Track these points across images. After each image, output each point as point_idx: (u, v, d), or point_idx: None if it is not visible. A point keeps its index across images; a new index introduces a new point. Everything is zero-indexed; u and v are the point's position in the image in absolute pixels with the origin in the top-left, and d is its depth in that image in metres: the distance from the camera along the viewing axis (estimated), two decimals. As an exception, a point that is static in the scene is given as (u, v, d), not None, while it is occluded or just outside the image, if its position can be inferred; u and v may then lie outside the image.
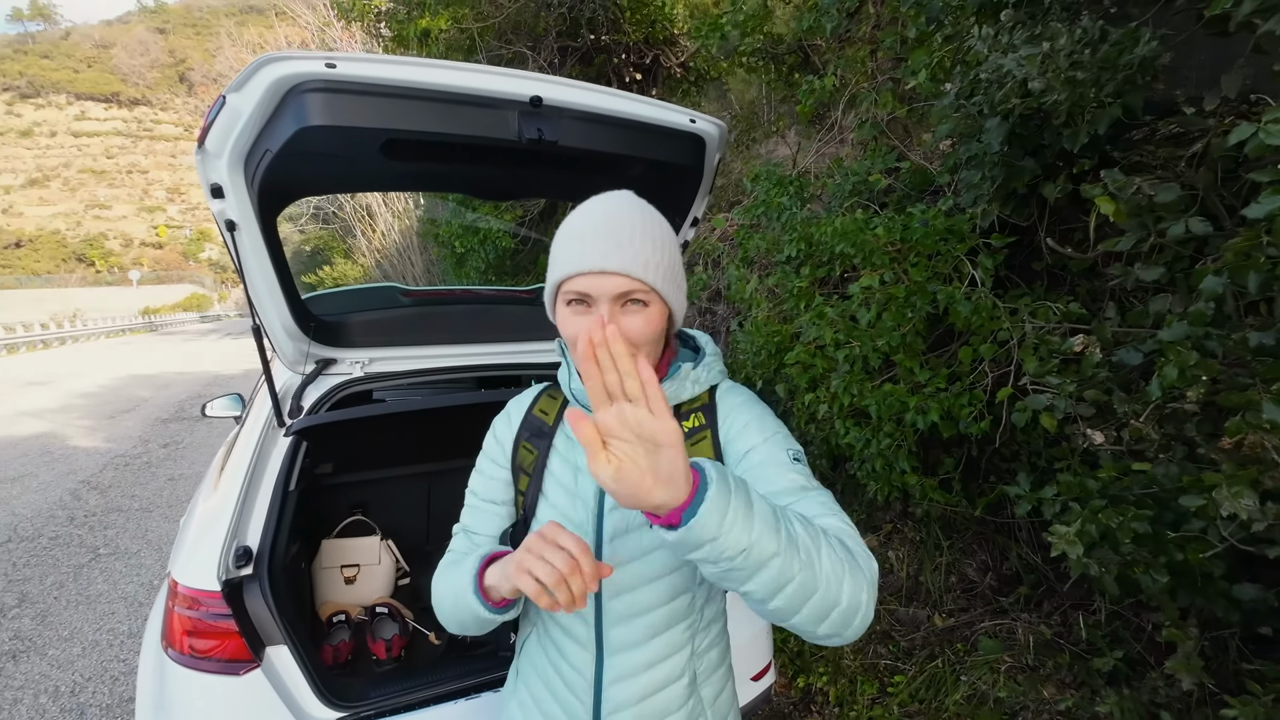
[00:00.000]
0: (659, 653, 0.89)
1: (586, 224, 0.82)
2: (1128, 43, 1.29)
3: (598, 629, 0.89)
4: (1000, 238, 2.01)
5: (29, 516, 4.73)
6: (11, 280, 58.14)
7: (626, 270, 0.78)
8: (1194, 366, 1.08)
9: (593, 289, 0.79)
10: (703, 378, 0.90)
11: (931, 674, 2.18)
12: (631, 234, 0.80)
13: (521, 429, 0.98)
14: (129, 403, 9.65)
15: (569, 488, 0.91)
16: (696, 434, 0.89)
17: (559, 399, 0.99)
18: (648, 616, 0.88)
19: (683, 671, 0.91)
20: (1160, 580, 1.46)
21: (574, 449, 0.93)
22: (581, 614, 0.89)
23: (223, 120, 1.33)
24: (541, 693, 0.95)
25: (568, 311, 0.83)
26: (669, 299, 0.84)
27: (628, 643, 0.89)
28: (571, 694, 0.91)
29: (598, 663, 0.89)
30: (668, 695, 0.90)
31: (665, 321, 0.85)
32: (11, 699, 2.66)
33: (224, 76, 32.96)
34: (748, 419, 0.88)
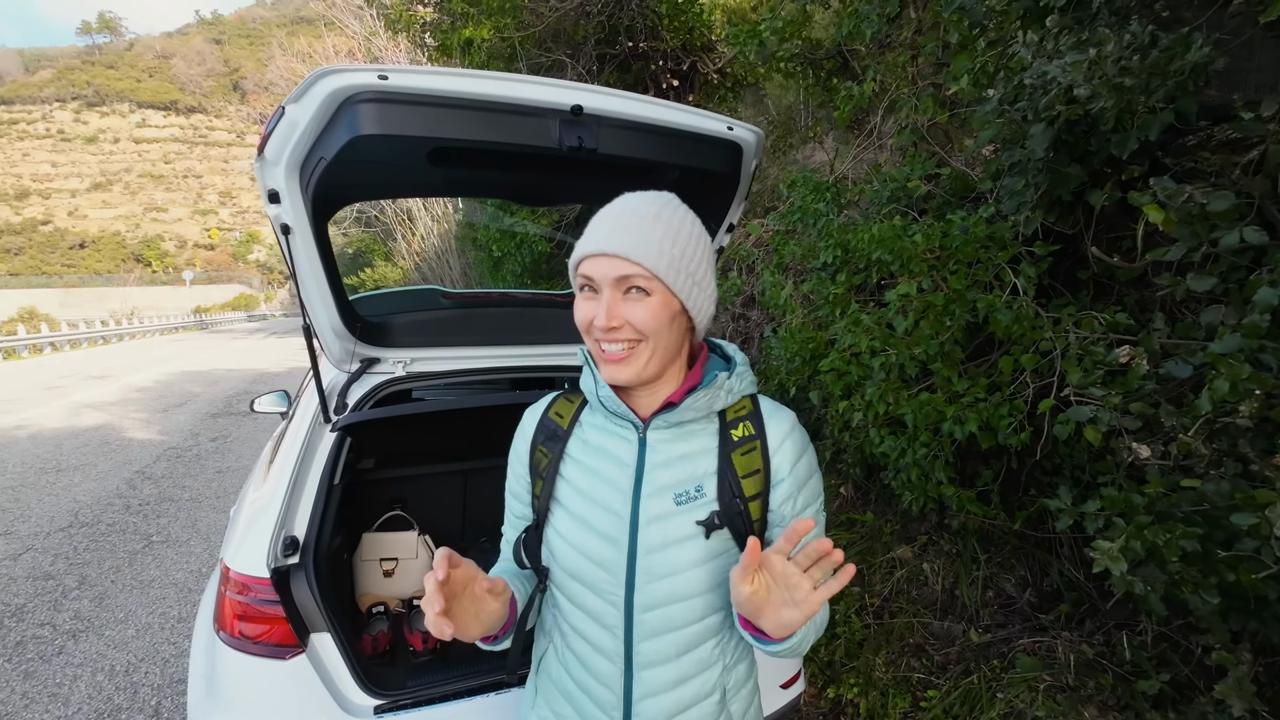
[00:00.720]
0: (690, 669, 0.88)
1: (606, 212, 0.84)
2: (1179, 48, 1.25)
3: (627, 643, 0.87)
4: (1044, 246, 1.97)
5: (89, 503, 4.98)
6: (76, 279, 61.26)
7: (625, 253, 0.78)
8: (1247, 380, 1.04)
9: (595, 272, 0.81)
10: (736, 387, 0.90)
11: (966, 690, 2.13)
12: (641, 221, 0.81)
13: (537, 433, 0.97)
14: (181, 397, 10.08)
15: (588, 494, 0.89)
16: (747, 443, 0.88)
17: (575, 402, 0.97)
18: (681, 632, 0.87)
19: (714, 688, 0.90)
20: (1210, 601, 1.41)
21: (593, 455, 0.91)
22: (611, 628, 0.87)
23: (281, 129, 1.39)
24: (564, 708, 0.93)
25: (580, 298, 0.85)
26: (677, 291, 0.82)
27: (659, 658, 0.87)
28: (599, 709, 0.89)
29: (627, 677, 0.87)
30: (698, 711, 0.89)
31: (675, 314, 0.83)
32: (72, 675, 2.81)
33: (274, 85, 34.19)
34: (808, 473, 0.91)
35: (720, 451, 0.88)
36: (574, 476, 0.91)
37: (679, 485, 0.86)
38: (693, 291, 0.84)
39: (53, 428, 7.77)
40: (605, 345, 0.83)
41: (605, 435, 0.91)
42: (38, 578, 3.72)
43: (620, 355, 0.83)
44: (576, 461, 0.92)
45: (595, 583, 0.87)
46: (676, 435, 0.88)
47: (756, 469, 0.87)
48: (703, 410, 0.88)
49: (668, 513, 0.85)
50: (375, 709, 1.47)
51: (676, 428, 0.88)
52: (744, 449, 0.88)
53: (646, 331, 0.81)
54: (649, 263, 0.79)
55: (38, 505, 4.96)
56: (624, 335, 0.82)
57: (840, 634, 2.55)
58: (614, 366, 0.83)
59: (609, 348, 0.83)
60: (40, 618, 3.28)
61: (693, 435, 0.89)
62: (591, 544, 0.87)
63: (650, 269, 0.79)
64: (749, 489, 0.86)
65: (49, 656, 2.95)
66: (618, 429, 0.90)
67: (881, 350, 2.28)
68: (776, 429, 0.89)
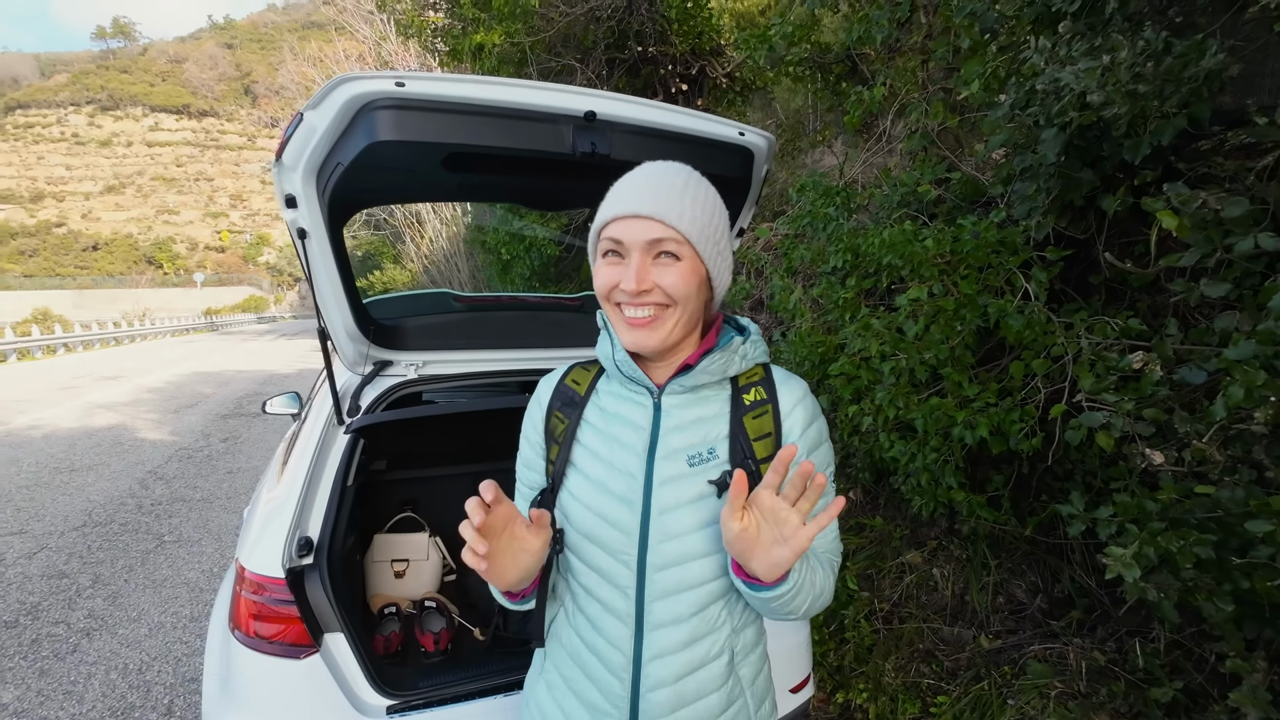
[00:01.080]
0: (699, 629, 0.88)
1: (632, 176, 0.85)
2: (1193, 54, 1.25)
3: (639, 604, 0.87)
4: (1055, 250, 1.97)
5: (102, 503, 5.04)
6: (89, 281, 61.93)
7: (660, 215, 0.79)
8: (1261, 387, 1.04)
9: (625, 234, 0.81)
10: (750, 354, 0.91)
11: (976, 696, 2.12)
12: (672, 186, 0.81)
13: (553, 399, 0.98)
14: (192, 398, 10.17)
15: (605, 459, 0.90)
16: (759, 406, 0.90)
17: (592, 371, 0.99)
18: (692, 592, 0.87)
19: (722, 650, 0.90)
20: (1225, 609, 1.40)
21: (609, 421, 0.92)
22: (623, 588, 0.87)
23: (299, 135, 1.41)
24: (573, 671, 0.93)
25: (603, 263, 0.84)
26: (705, 257, 0.83)
27: (669, 618, 0.87)
28: (608, 671, 0.88)
29: (637, 638, 0.87)
30: (707, 673, 0.88)
31: (701, 281, 0.85)
32: (86, 673, 2.84)
33: (285, 89, 34.55)
34: (818, 440, 0.92)
35: (732, 415, 0.90)
36: (590, 441, 0.93)
37: (692, 448, 0.88)
38: (717, 260, 0.86)
39: (66, 428, 7.85)
40: (630, 310, 0.83)
41: (621, 401, 0.93)
42: (52, 576, 3.77)
43: (646, 320, 0.83)
44: (593, 427, 0.94)
45: (609, 543, 0.88)
46: (690, 400, 0.90)
47: (768, 432, 0.89)
48: (717, 374, 0.89)
49: (681, 474, 0.87)
50: (388, 709, 1.48)
51: (691, 392, 0.90)
52: (755, 413, 0.89)
53: (676, 296, 0.82)
54: (683, 226, 0.80)
55: (52, 504, 5.01)
56: (652, 299, 0.82)
57: (850, 639, 2.55)
58: (639, 332, 0.84)
59: (634, 313, 0.83)
60: (55, 616, 3.32)
61: (706, 400, 0.91)
62: (606, 505, 0.88)
63: (684, 233, 0.80)
64: (760, 451, 0.88)
65: (63, 654, 2.98)
66: (633, 395, 0.92)
67: (891, 355, 2.28)
68: (789, 395, 0.91)
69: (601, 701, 0.89)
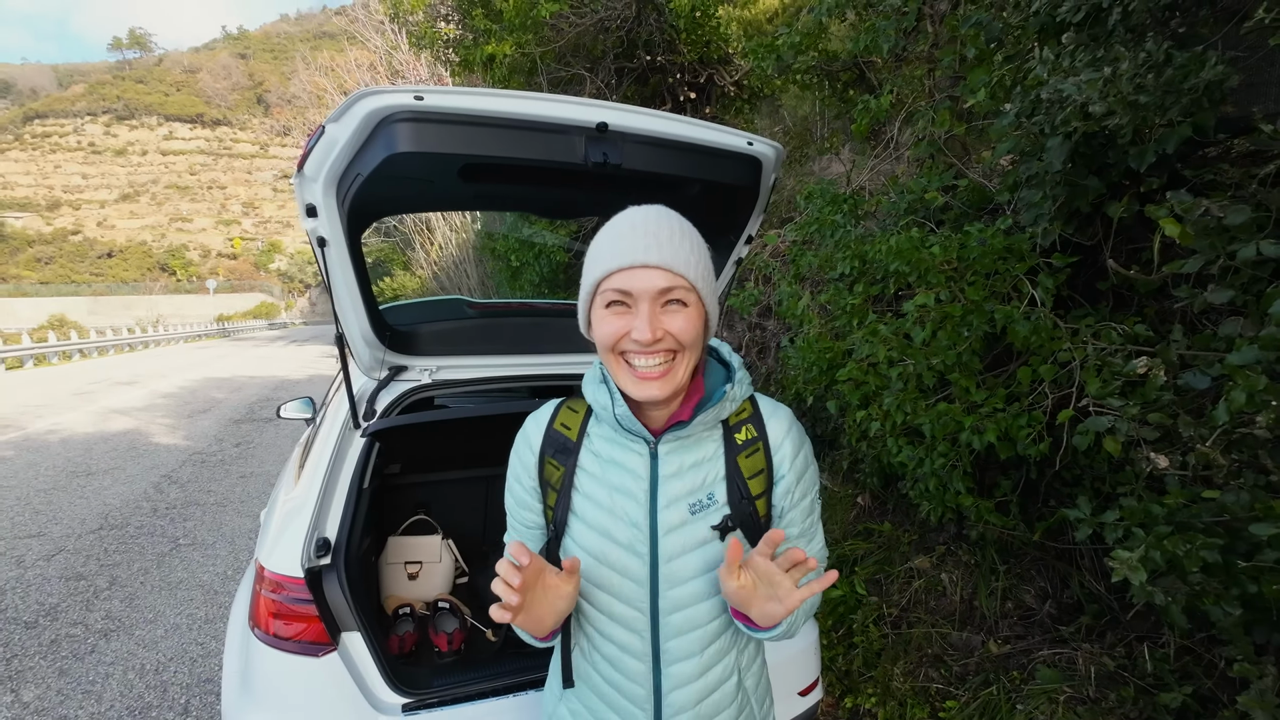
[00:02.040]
0: (711, 660, 0.94)
1: (626, 224, 0.84)
2: (1193, 66, 1.27)
3: (655, 643, 0.92)
4: (1061, 257, 1.98)
5: (118, 506, 5.11)
6: (104, 288, 62.72)
7: (668, 264, 0.80)
8: (1264, 391, 1.05)
9: (634, 285, 0.80)
10: (739, 394, 0.93)
11: (985, 701, 2.13)
12: (671, 233, 0.83)
13: (544, 445, 0.98)
14: (205, 403, 10.29)
15: (607, 508, 0.92)
16: (750, 445, 0.93)
17: (580, 411, 0.98)
18: (703, 629, 0.92)
19: (731, 671, 0.96)
20: (1233, 613, 1.41)
21: (607, 469, 0.93)
22: (639, 632, 0.92)
23: (321, 147, 1.46)
24: (595, 703, 0.98)
25: (606, 313, 0.84)
26: (706, 302, 0.85)
27: (684, 653, 0.92)
28: (632, 704, 0.94)
29: (655, 673, 0.93)
30: (721, 694, 0.95)
31: (704, 324, 0.87)
32: (104, 674, 2.89)
33: (297, 98, 34.96)
34: (805, 466, 0.96)
35: (727, 456, 0.92)
36: (590, 489, 0.94)
37: (692, 495, 0.91)
38: (712, 300, 0.88)
39: (83, 432, 7.97)
40: (639, 361, 0.83)
41: (616, 448, 0.93)
42: (70, 578, 3.83)
43: (658, 373, 0.83)
44: (590, 475, 0.94)
45: (621, 591, 0.91)
46: (686, 445, 0.92)
47: (761, 469, 0.92)
48: (711, 423, 0.91)
49: (684, 521, 0.90)
50: (403, 707, 1.51)
51: (685, 439, 0.92)
52: (748, 451, 0.92)
53: (686, 342, 0.83)
54: (690, 274, 0.82)
55: (69, 508, 5.09)
56: (664, 346, 0.83)
57: (858, 643, 2.55)
58: (652, 385, 0.83)
59: (644, 364, 0.83)
60: (73, 617, 3.38)
61: (700, 444, 0.93)
62: (614, 555, 0.91)
63: (691, 281, 0.82)
64: (755, 488, 0.92)
65: (82, 655, 3.03)
66: (629, 443, 0.92)
67: (899, 360, 2.30)
68: (776, 428, 0.94)
69: None
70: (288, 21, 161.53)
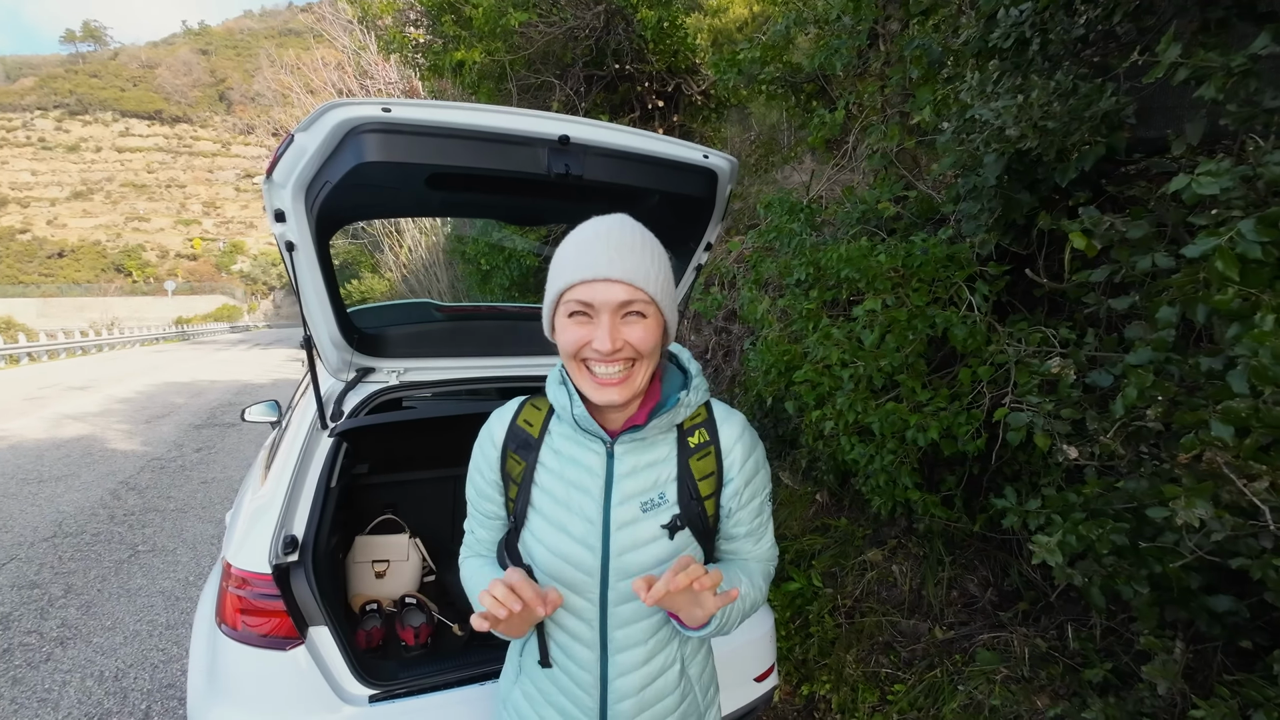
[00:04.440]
0: (655, 648, 1.00)
1: (589, 235, 0.88)
2: (1095, 95, 1.41)
3: (603, 632, 0.98)
4: (996, 266, 2.13)
5: (72, 514, 4.98)
6: (54, 289, 60.27)
7: (628, 278, 0.84)
8: (1151, 388, 1.18)
9: (595, 297, 0.84)
10: (694, 400, 0.98)
11: (930, 683, 2.26)
12: (633, 246, 0.86)
13: (507, 439, 1.02)
14: (164, 408, 10.01)
15: (563, 502, 0.97)
16: (702, 449, 0.99)
17: (543, 409, 1.03)
18: (649, 620, 0.99)
19: (674, 659, 1.03)
20: (1141, 592, 1.55)
21: (565, 465, 0.98)
22: (588, 620, 0.98)
23: (290, 155, 1.50)
24: (547, 686, 1.04)
25: (569, 322, 0.88)
26: (665, 312, 0.90)
27: (630, 642, 0.99)
28: (579, 688, 1.00)
29: (603, 661, 0.99)
30: (664, 681, 1.02)
31: (662, 332, 0.92)
32: (61, 681, 2.84)
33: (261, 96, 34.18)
34: (755, 470, 1.02)
35: (679, 458, 0.98)
36: (548, 484, 0.99)
37: (644, 494, 0.96)
38: (671, 310, 0.93)
39: (34, 438, 7.71)
40: (600, 368, 0.88)
41: (575, 446, 0.99)
42: (23, 586, 3.74)
43: (617, 379, 0.88)
44: (549, 470, 1.00)
45: (573, 582, 0.97)
46: (640, 447, 0.98)
47: (711, 471, 0.98)
48: (665, 428, 0.97)
49: (635, 519, 0.96)
50: (370, 698, 1.56)
51: (640, 441, 0.98)
52: (699, 454, 0.98)
53: (644, 351, 0.88)
54: (650, 289, 0.86)
55: (20, 515, 4.95)
56: (623, 355, 0.87)
57: (814, 633, 2.67)
58: (611, 390, 0.88)
59: (604, 370, 0.88)
60: (27, 625, 3.30)
61: (654, 445, 0.99)
62: (568, 548, 0.97)
63: (651, 295, 0.86)
64: (704, 490, 0.98)
65: (37, 663, 2.98)
66: (587, 442, 0.99)
67: (851, 362, 2.42)
68: (729, 433, 1.00)
69: (574, 711, 1.01)
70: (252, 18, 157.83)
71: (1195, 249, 1.06)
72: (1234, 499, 1.17)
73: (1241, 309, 1.03)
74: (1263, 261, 1.01)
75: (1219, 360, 1.11)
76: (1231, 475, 1.11)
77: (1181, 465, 1.20)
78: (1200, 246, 1.04)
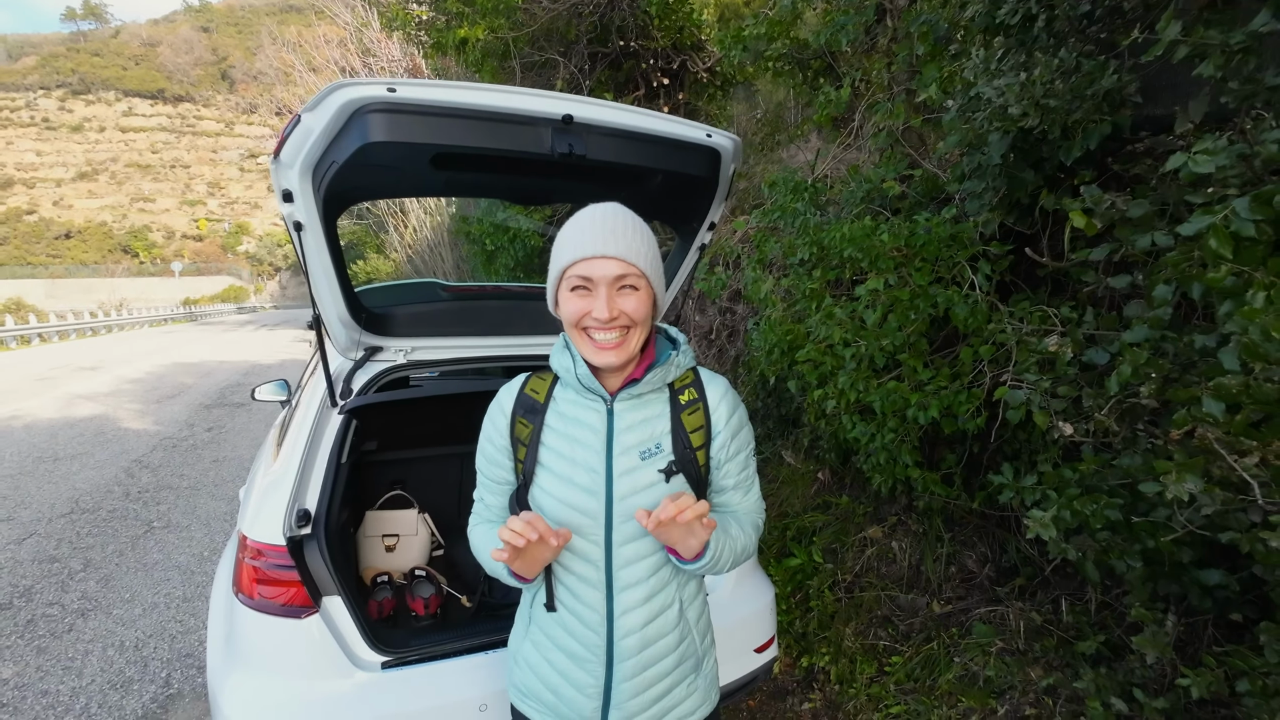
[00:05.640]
0: (655, 586, 1.09)
1: (587, 220, 1.01)
2: (1097, 73, 1.41)
3: (608, 572, 1.07)
4: (999, 245, 2.13)
5: (88, 491, 5.09)
6: (62, 270, 60.53)
7: (622, 255, 0.97)
8: (1145, 365, 1.20)
9: (594, 272, 0.97)
10: (683, 362, 1.11)
11: (927, 655, 2.31)
12: (625, 228, 1.00)
13: (516, 407, 1.14)
14: (174, 389, 10.13)
15: (568, 457, 1.07)
16: (692, 405, 1.10)
17: (547, 380, 1.15)
18: (649, 559, 1.08)
19: (673, 600, 1.12)
20: (1135, 566, 1.58)
21: (569, 425, 1.09)
22: (594, 562, 1.07)
23: (297, 135, 1.52)
24: (555, 631, 1.12)
25: (571, 295, 1.01)
26: (654, 286, 1.03)
27: (633, 580, 1.07)
28: (586, 627, 1.08)
29: (608, 599, 1.07)
30: (664, 620, 1.10)
31: (652, 305, 1.04)
32: (83, 650, 2.94)
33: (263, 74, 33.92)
34: (739, 425, 1.13)
35: (672, 414, 1.09)
36: (554, 443, 1.10)
37: (642, 444, 1.07)
38: (660, 285, 1.06)
39: (47, 418, 7.83)
40: (599, 335, 1.00)
41: (578, 408, 1.10)
42: (43, 560, 3.84)
43: (614, 343, 1.01)
44: (555, 430, 1.10)
45: (581, 527, 1.06)
46: (637, 404, 1.09)
47: (700, 425, 1.09)
48: (658, 383, 1.08)
49: (635, 466, 1.06)
50: (383, 664, 1.62)
51: (637, 399, 1.08)
52: (690, 410, 1.10)
53: (637, 319, 1.01)
54: (641, 264, 0.99)
55: (38, 493, 5.06)
56: (619, 323, 1.00)
57: (814, 607, 2.72)
58: (609, 353, 1.01)
59: (603, 336, 1.00)
60: (49, 598, 3.40)
61: (649, 403, 1.09)
62: (575, 496, 1.06)
63: (642, 269, 0.99)
64: (695, 441, 1.09)
65: (60, 633, 3.07)
66: (589, 402, 1.09)
67: (853, 342, 2.44)
68: (714, 392, 1.12)
69: (582, 651, 1.09)
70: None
71: (1190, 227, 1.07)
72: (1224, 474, 1.19)
73: (1235, 286, 1.04)
74: (1256, 240, 1.02)
75: (1212, 338, 1.13)
76: (1222, 451, 1.13)
77: (1174, 441, 1.22)
78: (1195, 224, 1.05)
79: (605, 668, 1.08)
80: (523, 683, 1.18)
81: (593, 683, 1.08)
